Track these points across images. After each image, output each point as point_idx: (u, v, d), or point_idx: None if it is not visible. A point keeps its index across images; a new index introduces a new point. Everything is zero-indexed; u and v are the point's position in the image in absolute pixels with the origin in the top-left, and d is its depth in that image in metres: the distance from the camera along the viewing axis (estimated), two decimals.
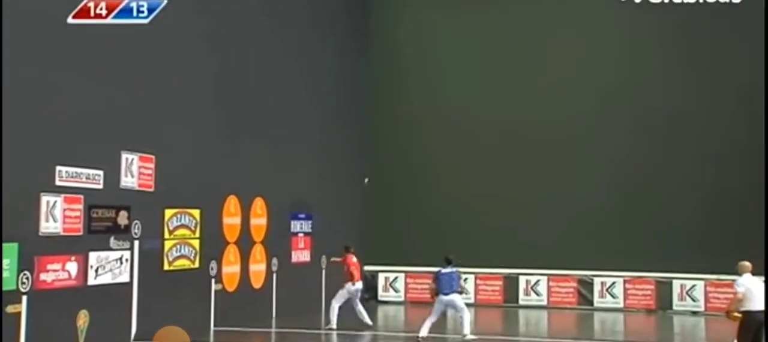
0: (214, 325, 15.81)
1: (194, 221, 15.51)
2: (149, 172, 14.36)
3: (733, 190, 20.71)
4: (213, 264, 16.04)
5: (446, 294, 14.88)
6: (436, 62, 22.69)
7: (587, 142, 21.68)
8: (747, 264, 12.21)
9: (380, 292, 22.40)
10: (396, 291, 22.37)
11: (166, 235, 14.79)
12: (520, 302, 21.59)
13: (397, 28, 23.20)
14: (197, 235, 15.58)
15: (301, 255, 19.52)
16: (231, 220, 16.81)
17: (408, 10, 23.18)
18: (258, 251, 17.78)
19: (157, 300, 14.17)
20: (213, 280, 16.00)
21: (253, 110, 17.57)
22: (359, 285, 16.92)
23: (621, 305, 21.13)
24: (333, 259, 17.52)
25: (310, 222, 19.87)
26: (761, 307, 11.76)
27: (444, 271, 15.07)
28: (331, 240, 20.18)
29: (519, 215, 21.56)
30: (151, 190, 14.39)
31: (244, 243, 17.23)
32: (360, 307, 16.87)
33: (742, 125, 20.82)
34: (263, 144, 17.87)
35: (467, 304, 21.14)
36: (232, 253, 16.79)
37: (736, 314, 12.00)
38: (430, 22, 22.94)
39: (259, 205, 17.81)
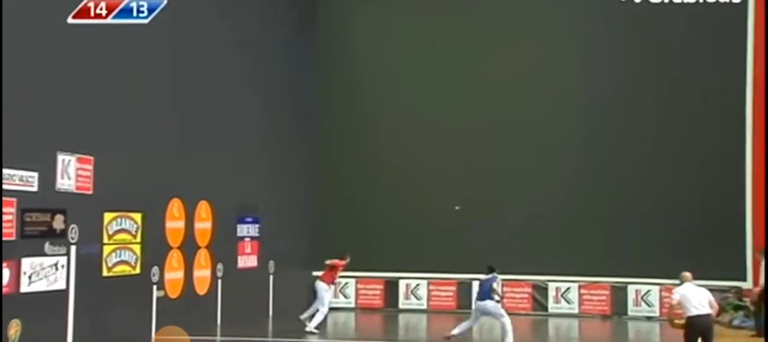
0: (156, 334, 15.35)
1: (135, 225, 15.05)
2: (87, 173, 13.85)
3: (689, 195, 20.83)
4: (155, 270, 15.59)
5: (480, 300, 15.68)
6: (387, 63, 22.45)
7: (541, 145, 21.60)
8: (687, 275, 12.55)
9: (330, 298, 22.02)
10: (346, 297, 22.05)
11: (106, 240, 14.30)
12: (474, 308, 21.35)
13: (347, 28, 22.87)
14: (138, 239, 15.12)
15: (247, 260, 19.14)
16: (174, 224, 16.38)
17: (358, 10, 22.87)
18: (202, 256, 17.37)
19: (96, 308, 13.71)
20: (155, 287, 15.56)
21: (198, 110, 17.16)
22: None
23: (576, 311, 21.08)
24: None
25: (257, 226, 19.49)
26: (700, 311, 12.07)
27: (483, 278, 15.94)
28: (279, 244, 19.90)
29: (473, 219, 21.39)
30: (90, 192, 13.88)
31: (188, 248, 16.81)
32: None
33: (697, 130, 20.94)
34: (208, 145, 17.46)
35: (419, 310, 21.03)
36: (175, 259, 16.36)
37: (677, 321, 12.34)
38: (382, 23, 22.68)
39: (203, 208, 17.40)
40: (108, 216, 14.35)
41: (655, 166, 21.08)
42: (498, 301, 15.82)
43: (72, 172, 13.51)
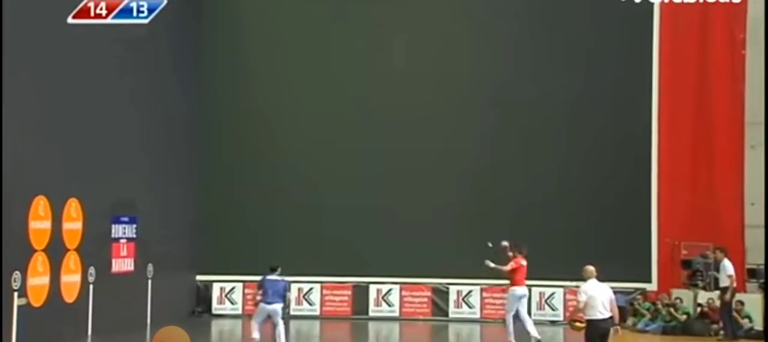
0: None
1: None
2: None
3: (594, 195, 21.18)
4: (16, 275, 14.86)
5: (272, 302, 15.29)
6: (278, 53, 22.07)
7: (443, 142, 21.59)
8: (591, 269, 12.56)
9: (214, 304, 21.61)
10: (232, 303, 21.61)
11: None
12: (371, 314, 21.31)
13: (237, 14, 22.35)
14: None
15: (123, 263, 18.55)
16: (39, 224, 15.64)
17: None
18: (71, 260, 16.68)
19: None
20: (16, 294, 14.83)
21: (68, 99, 16.42)
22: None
23: (478, 315, 21.14)
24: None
25: (134, 226, 18.89)
26: (604, 315, 12.15)
27: (271, 278, 15.49)
28: (158, 246, 19.34)
29: (369, 220, 21.25)
30: None
31: (55, 251, 16.08)
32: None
33: (603, 129, 21.32)
34: (79, 138, 16.76)
35: (312, 316, 20.80)
36: (39, 263, 15.64)
37: (578, 324, 12.36)
38: (274, 9, 22.26)
39: (73, 207, 16.70)
40: None
41: (560, 165, 21.33)
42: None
43: None
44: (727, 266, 18.09)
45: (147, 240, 19.09)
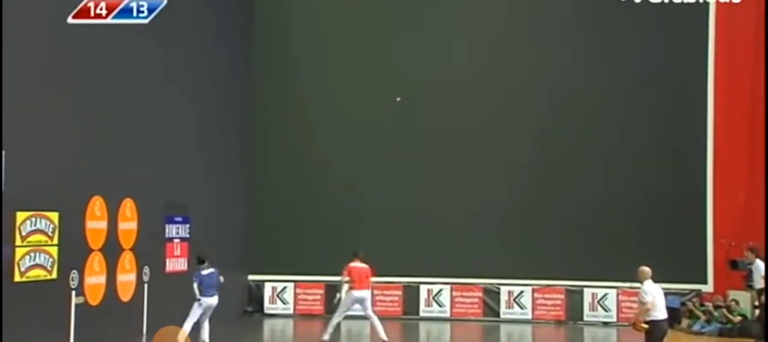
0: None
1: (52, 226, 14.71)
2: None
3: (648, 195, 21.07)
4: (74, 274, 15.25)
5: (211, 295, 15.79)
6: (328, 59, 22.31)
7: (494, 141, 21.66)
8: (647, 270, 12.67)
9: (266, 303, 21.91)
10: (284, 303, 21.91)
11: (18, 242, 13.94)
12: (421, 314, 21.45)
13: (286, 17, 22.67)
14: (55, 241, 14.77)
15: (176, 263, 18.90)
16: (95, 224, 16.05)
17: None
18: (127, 259, 17.07)
19: (7, 316, 13.29)
20: (74, 293, 15.22)
21: (122, 101, 16.81)
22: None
23: (529, 316, 21.19)
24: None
25: (187, 226, 19.25)
26: (665, 314, 12.41)
27: (205, 272, 15.82)
28: (211, 246, 19.61)
29: (420, 220, 21.37)
30: None
31: (111, 250, 16.48)
32: None
33: (658, 129, 21.20)
34: (134, 139, 17.14)
35: (361, 317, 20.94)
36: (96, 262, 16.04)
37: (642, 325, 12.38)
38: (322, 12, 22.52)
39: (128, 207, 17.10)
40: (20, 215, 13.99)
41: (614, 164, 21.27)
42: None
43: None
44: (760, 267, 17.87)
45: (200, 240, 19.39)
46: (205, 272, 15.77)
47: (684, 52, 21.27)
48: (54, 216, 14.75)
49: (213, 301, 15.78)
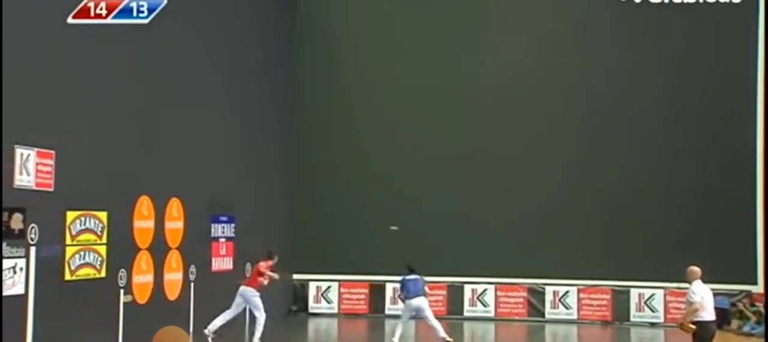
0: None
1: (101, 225, 14.94)
2: (48, 169, 13.73)
3: (695, 194, 20.90)
4: (122, 273, 15.48)
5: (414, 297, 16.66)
6: (372, 57, 22.44)
7: (538, 140, 21.65)
8: (697, 270, 12.50)
9: (311, 303, 22.06)
10: (328, 302, 22.03)
11: (68, 241, 14.18)
12: (466, 313, 21.48)
13: (329, 18, 22.81)
14: (104, 240, 15.00)
15: (222, 262, 19.08)
16: (143, 223, 16.28)
17: None
18: (173, 258, 17.28)
19: (57, 314, 13.55)
20: (122, 291, 15.43)
21: (168, 101, 17.04)
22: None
23: (575, 316, 21.12)
24: None
25: (232, 225, 19.44)
26: (713, 316, 12.27)
27: (411, 277, 16.81)
28: (256, 245, 19.79)
29: (463, 219, 21.42)
30: (51, 189, 13.75)
31: (158, 249, 16.70)
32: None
33: (703, 127, 21.01)
34: (179, 139, 17.36)
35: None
36: (143, 261, 16.26)
37: (690, 325, 12.28)
38: (365, 11, 22.63)
39: (174, 206, 17.31)
40: (70, 215, 14.22)
41: (659, 163, 21.15)
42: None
43: (31, 168, 13.39)
44: None
45: (245, 240, 19.57)
46: (410, 278, 16.87)
47: (730, 51, 21.10)
48: (103, 215, 14.98)
49: (418, 302, 16.77)
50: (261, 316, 16.51)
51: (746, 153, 20.83)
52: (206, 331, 16.60)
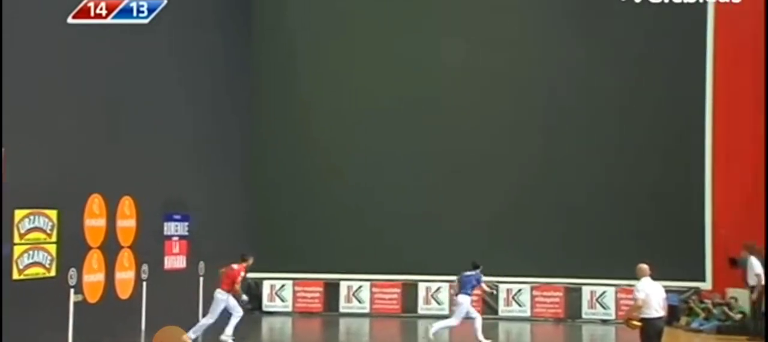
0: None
1: (50, 223, 14.82)
2: None
3: (646, 193, 21.12)
4: (72, 272, 15.35)
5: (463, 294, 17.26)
6: (328, 53, 22.36)
7: (495, 139, 21.72)
8: (646, 267, 12.60)
9: (265, 301, 21.98)
10: (283, 300, 21.98)
11: (17, 239, 14.07)
12: (420, 312, 21.52)
13: (286, 15, 22.72)
14: (54, 239, 14.90)
15: (175, 261, 19.00)
16: (94, 221, 16.17)
17: None
18: (125, 257, 17.18)
19: (5, 314, 13.40)
20: (72, 291, 15.30)
21: (121, 98, 16.96)
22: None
23: (528, 314, 21.27)
24: None
25: (186, 224, 19.35)
26: (660, 313, 12.29)
27: (466, 273, 17.42)
28: (210, 244, 19.73)
29: (418, 218, 21.44)
30: None
31: (110, 248, 16.63)
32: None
33: (655, 127, 21.25)
34: (133, 137, 17.28)
35: (362, 314, 21.02)
36: (95, 260, 16.17)
37: (635, 322, 12.40)
38: (321, 10, 22.57)
39: (127, 204, 17.20)
40: (19, 213, 14.12)
41: (613, 162, 21.32)
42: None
43: None
44: (755, 264, 17.89)
45: (199, 238, 19.48)
46: (467, 273, 17.43)
47: (683, 49, 21.31)
48: (53, 213, 14.87)
49: (459, 298, 17.34)
50: (238, 314, 16.52)
51: (697, 153, 21.08)
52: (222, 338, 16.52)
